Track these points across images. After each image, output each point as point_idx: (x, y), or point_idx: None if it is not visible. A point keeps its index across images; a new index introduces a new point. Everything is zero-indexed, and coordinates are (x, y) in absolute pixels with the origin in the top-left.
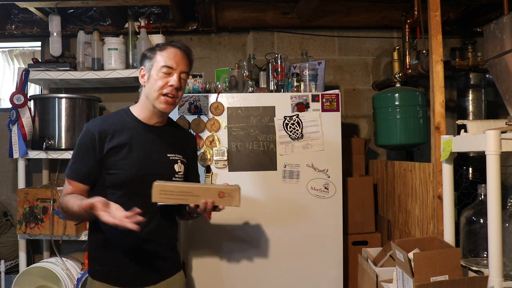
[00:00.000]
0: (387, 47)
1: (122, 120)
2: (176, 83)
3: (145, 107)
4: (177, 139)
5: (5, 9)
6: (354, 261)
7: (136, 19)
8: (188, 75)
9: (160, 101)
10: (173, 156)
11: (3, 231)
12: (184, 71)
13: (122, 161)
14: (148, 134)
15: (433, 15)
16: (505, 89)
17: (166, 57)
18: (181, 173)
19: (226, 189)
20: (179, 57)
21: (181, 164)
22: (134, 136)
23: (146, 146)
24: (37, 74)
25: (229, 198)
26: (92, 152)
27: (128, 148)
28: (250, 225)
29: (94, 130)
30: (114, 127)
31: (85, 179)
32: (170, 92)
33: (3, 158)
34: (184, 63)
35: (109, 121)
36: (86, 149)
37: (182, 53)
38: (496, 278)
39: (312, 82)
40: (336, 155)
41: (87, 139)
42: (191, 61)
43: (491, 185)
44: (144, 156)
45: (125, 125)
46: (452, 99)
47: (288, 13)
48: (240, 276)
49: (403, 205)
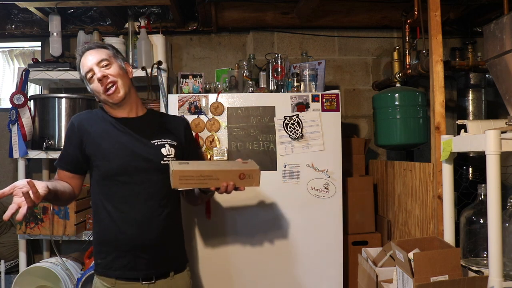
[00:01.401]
0: (387, 47)
1: (102, 115)
2: (99, 74)
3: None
4: (163, 125)
5: (5, 9)
6: (354, 261)
7: (136, 19)
8: (108, 59)
9: (108, 97)
10: (158, 141)
11: (3, 231)
12: (99, 61)
13: (103, 153)
14: (126, 125)
15: (433, 15)
16: (505, 89)
17: (83, 68)
18: (171, 156)
19: (247, 171)
20: (88, 57)
21: (169, 147)
22: (113, 128)
23: (126, 136)
24: (37, 74)
25: (249, 179)
26: (73, 141)
27: (108, 140)
28: (250, 225)
29: (75, 121)
30: (94, 122)
31: (67, 166)
32: (103, 84)
33: (3, 158)
34: (94, 55)
35: (90, 115)
36: (68, 138)
37: (89, 52)
38: (496, 278)
39: (312, 82)
40: (336, 155)
41: (69, 131)
42: (104, 47)
43: (491, 185)
44: (126, 145)
45: (106, 118)
46: (452, 99)
47: (288, 13)
48: (239, 276)
49: (403, 205)
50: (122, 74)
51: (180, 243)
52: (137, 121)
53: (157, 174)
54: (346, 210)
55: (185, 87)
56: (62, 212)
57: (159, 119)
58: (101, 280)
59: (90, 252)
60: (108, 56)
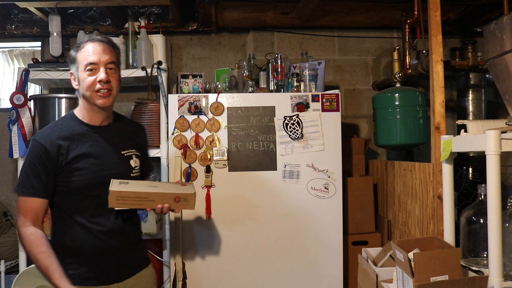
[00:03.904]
0: (387, 47)
1: (70, 126)
2: (105, 77)
3: (86, 109)
4: (127, 134)
5: (5, 9)
6: (354, 261)
7: (136, 19)
8: (116, 64)
9: (96, 97)
10: (127, 152)
11: (3, 231)
12: (109, 62)
13: (78, 168)
14: (98, 136)
15: (433, 15)
16: (505, 89)
17: (86, 55)
18: (138, 168)
19: (182, 194)
20: (100, 50)
21: (136, 158)
22: (86, 141)
23: (98, 148)
24: (37, 74)
25: (184, 202)
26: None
27: (81, 153)
28: (250, 225)
29: (45, 142)
30: (64, 136)
31: (43, 193)
32: (102, 87)
33: (3, 158)
34: (107, 54)
35: (58, 131)
36: (40, 162)
37: (101, 45)
38: (496, 278)
39: (312, 82)
40: (336, 155)
41: (38, 153)
42: (115, 49)
43: (491, 185)
44: (99, 158)
45: (75, 131)
46: (452, 99)
47: (288, 13)
48: (240, 276)
49: (403, 205)
50: (119, 83)
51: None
52: (108, 130)
53: None
54: (346, 210)
55: (185, 87)
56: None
57: (124, 126)
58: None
59: None
60: (117, 61)
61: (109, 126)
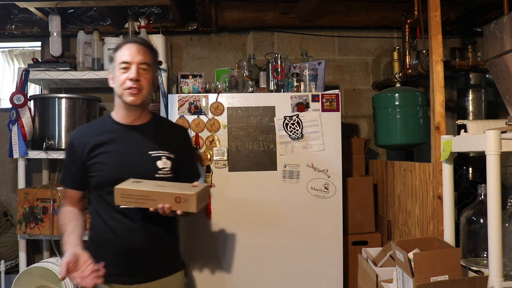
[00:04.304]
0: (387, 47)
1: (102, 124)
2: (134, 75)
3: (119, 107)
4: (163, 135)
5: (5, 9)
6: (354, 261)
7: (136, 19)
8: (150, 65)
9: (126, 95)
10: (156, 153)
11: (3, 231)
12: (142, 62)
13: (101, 163)
14: (127, 134)
15: (433, 15)
16: (505, 89)
17: (122, 54)
18: (167, 169)
19: (183, 195)
20: (134, 51)
21: (166, 160)
22: (113, 137)
23: (125, 146)
24: (37, 74)
25: (185, 203)
26: (74, 160)
27: (106, 149)
28: (250, 225)
29: (74, 139)
30: (92, 133)
31: (73, 185)
32: (131, 85)
33: (3, 158)
34: (141, 54)
35: (88, 128)
36: (69, 157)
37: (137, 46)
38: (496, 278)
39: (312, 82)
40: (336, 155)
41: (68, 149)
42: (152, 51)
43: (491, 185)
44: (123, 156)
45: (104, 128)
46: (452, 99)
47: (288, 13)
48: (239, 276)
49: (403, 205)
50: (151, 84)
51: (174, 248)
52: (140, 130)
53: None
54: (346, 210)
55: (185, 87)
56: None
57: (161, 127)
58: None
59: None
60: (151, 62)
61: (141, 126)
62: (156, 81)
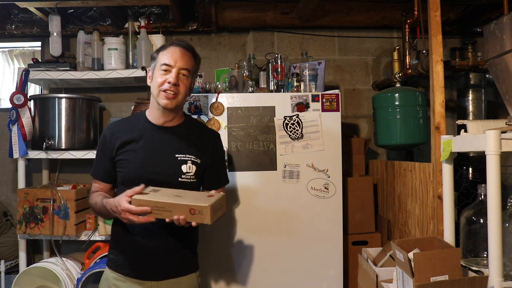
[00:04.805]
0: (387, 47)
1: (135, 122)
2: (174, 79)
3: (153, 107)
4: (193, 139)
5: (5, 9)
6: (354, 261)
7: (136, 19)
8: (191, 72)
9: (161, 97)
10: (183, 156)
11: (3, 231)
12: (183, 68)
13: (127, 160)
14: (157, 134)
15: (433, 15)
16: (505, 89)
17: (165, 56)
18: (190, 174)
19: (197, 207)
20: (178, 55)
21: (192, 165)
22: (143, 136)
23: (153, 146)
24: (37, 74)
25: (200, 215)
26: (105, 153)
27: (134, 147)
28: (249, 225)
29: (107, 132)
30: (125, 129)
31: (103, 177)
32: (168, 88)
33: (3, 158)
34: (184, 60)
35: (122, 124)
36: (101, 150)
37: (181, 50)
38: (496, 278)
39: (312, 82)
40: (336, 155)
41: (101, 141)
42: (195, 58)
43: (491, 185)
44: (149, 156)
45: (137, 126)
46: (452, 99)
47: (288, 13)
48: (239, 275)
49: (403, 205)
50: (187, 90)
51: (191, 249)
52: (171, 132)
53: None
54: (346, 210)
55: None
56: (62, 212)
57: (192, 131)
58: (112, 272)
59: (90, 252)
60: (192, 69)
61: (172, 128)
62: (193, 88)
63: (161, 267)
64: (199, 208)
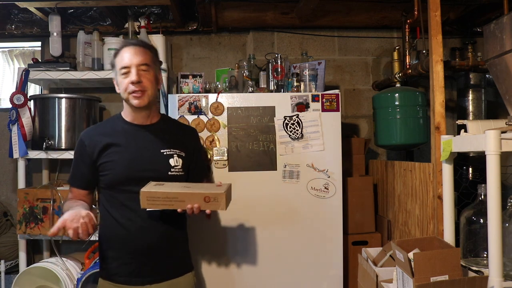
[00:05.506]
0: (387, 47)
1: (112, 124)
2: (135, 77)
3: (127, 109)
4: (173, 135)
5: (5, 9)
6: (354, 261)
7: (136, 19)
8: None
9: (131, 98)
10: (168, 151)
11: (3, 231)
12: (141, 63)
13: (113, 162)
14: (138, 133)
15: (433, 15)
16: (505, 89)
17: (120, 59)
18: (178, 167)
19: (212, 194)
20: (131, 53)
21: (178, 158)
22: (124, 137)
23: (136, 145)
24: (37, 74)
25: (215, 202)
26: (84, 159)
27: (118, 149)
28: (250, 225)
29: (84, 137)
30: (103, 132)
31: (81, 184)
32: (134, 88)
33: (3, 158)
34: (138, 56)
35: (100, 128)
36: (80, 157)
37: (133, 48)
38: (496, 278)
39: (312, 82)
40: (336, 155)
41: (79, 147)
42: (150, 49)
43: (491, 185)
44: (136, 155)
45: (115, 128)
46: (452, 99)
47: (288, 13)
48: (239, 275)
49: (403, 205)
50: (154, 83)
51: (184, 248)
52: (150, 129)
53: None
54: (346, 210)
55: (185, 87)
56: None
57: (170, 128)
58: (108, 283)
59: (90, 252)
60: (150, 61)
61: (151, 126)
62: (160, 78)
63: (158, 268)
64: (214, 195)
